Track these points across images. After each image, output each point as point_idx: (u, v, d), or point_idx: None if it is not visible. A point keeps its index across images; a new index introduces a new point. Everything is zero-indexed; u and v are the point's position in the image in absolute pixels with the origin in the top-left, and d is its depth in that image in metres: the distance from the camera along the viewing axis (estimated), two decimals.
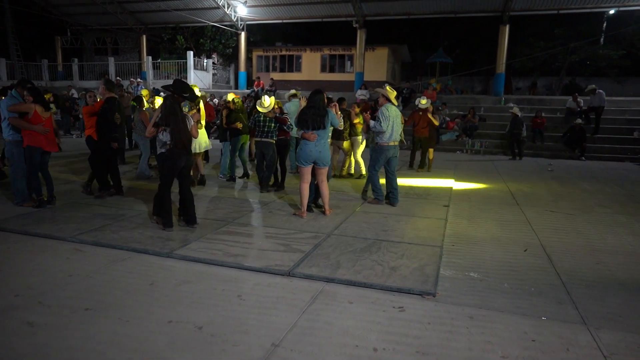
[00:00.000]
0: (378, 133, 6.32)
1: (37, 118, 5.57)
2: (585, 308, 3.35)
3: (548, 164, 11.92)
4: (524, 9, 17.90)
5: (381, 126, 6.22)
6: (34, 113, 5.52)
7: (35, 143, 5.61)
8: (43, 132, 5.62)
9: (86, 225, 5.15)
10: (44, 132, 5.64)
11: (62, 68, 25.46)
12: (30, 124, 5.52)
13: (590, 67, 26.59)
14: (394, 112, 6.35)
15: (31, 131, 5.56)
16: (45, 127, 5.66)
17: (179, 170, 5.03)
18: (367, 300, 3.44)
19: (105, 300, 3.34)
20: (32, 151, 5.63)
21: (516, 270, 4.15)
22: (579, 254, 4.66)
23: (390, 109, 6.35)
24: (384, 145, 6.35)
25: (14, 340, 2.77)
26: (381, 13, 19.79)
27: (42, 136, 5.64)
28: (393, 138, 6.36)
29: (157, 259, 4.23)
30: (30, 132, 5.56)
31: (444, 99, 18.01)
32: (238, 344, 2.78)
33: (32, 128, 5.53)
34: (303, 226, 5.35)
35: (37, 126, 5.55)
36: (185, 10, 21.12)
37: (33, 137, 5.59)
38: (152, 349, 2.71)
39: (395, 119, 6.34)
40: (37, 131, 5.56)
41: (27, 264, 4.03)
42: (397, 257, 4.37)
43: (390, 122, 6.28)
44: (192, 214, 5.18)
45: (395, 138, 6.40)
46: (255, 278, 3.84)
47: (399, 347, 2.78)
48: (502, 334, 2.97)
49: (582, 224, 5.89)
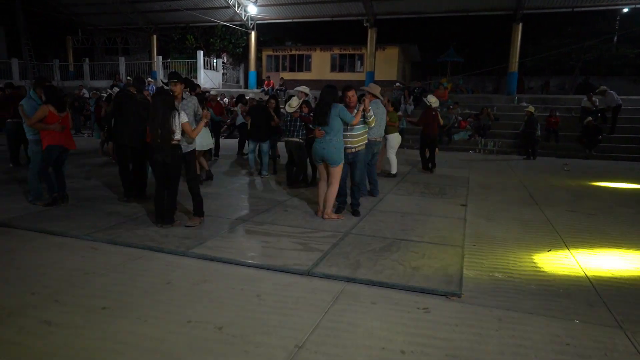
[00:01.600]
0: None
1: (53, 117, 5.55)
2: (618, 311, 3.22)
3: (564, 164, 11.71)
4: (538, 7, 17.67)
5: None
6: (49, 114, 5.52)
7: (54, 141, 5.59)
8: (60, 129, 5.60)
9: (101, 223, 5.10)
10: (61, 130, 5.62)
11: (73, 68, 25.61)
12: (46, 124, 5.51)
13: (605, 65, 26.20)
14: (380, 109, 6.61)
15: (49, 131, 5.54)
16: (62, 124, 5.65)
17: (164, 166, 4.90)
18: (391, 301, 3.33)
19: (121, 299, 3.27)
20: (50, 150, 5.61)
21: (541, 271, 4.02)
22: (605, 255, 4.51)
23: (378, 105, 6.56)
24: (371, 140, 6.50)
25: (31, 339, 2.71)
26: (392, 12, 19.63)
27: (59, 133, 5.61)
28: (378, 133, 6.66)
29: (173, 258, 4.15)
30: (49, 132, 5.54)
31: (456, 98, 17.80)
32: (260, 345, 2.69)
33: (48, 128, 5.52)
34: (320, 225, 5.26)
35: (53, 125, 5.54)
36: (195, 9, 21.13)
37: (52, 136, 5.57)
38: (172, 350, 2.62)
39: (381, 116, 6.58)
40: (54, 130, 5.54)
41: (43, 261, 3.97)
42: (418, 256, 4.25)
43: (378, 118, 6.40)
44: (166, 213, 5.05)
45: (380, 133, 6.72)
46: (273, 277, 3.75)
47: (427, 350, 2.67)
48: (534, 337, 2.84)
49: (604, 224, 5.73)
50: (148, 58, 25.03)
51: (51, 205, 5.73)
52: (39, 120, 5.50)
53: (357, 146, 5.61)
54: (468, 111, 16.72)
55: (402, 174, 9.35)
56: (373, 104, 6.31)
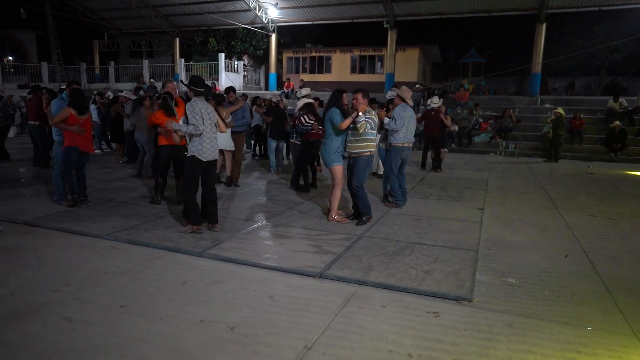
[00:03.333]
0: (392, 132, 6.32)
1: (73, 119, 5.72)
2: (635, 319, 3.16)
3: (587, 167, 11.45)
4: (563, 6, 17.29)
5: (396, 124, 6.19)
6: (70, 115, 5.70)
7: (72, 143, 5.78)
8: (79, 131, 5.77)
9: (121, 223, 5.26)
10: (80, 132, 5.79)
11: (99, 71, 26.32)
12: (67, 125, 5.70)
13: (634, 65, 25.43)
14: (409, 113, 6.37)
15: (69, 132, 5.74)
16: (82, 127, 5.82)
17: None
18: (401, 304, 3.36)
19: (139, 297, 3.38)
20: (69, 151, 5.80)
21: (557, 276, 3.97)
22: (625, 262, 4.42)
23: (406, 110, 6.35)
24: (399, 145, 6.36)
25: (54, 335, 2.83)
26: (412, 13, 19.51)
27: (78, 136, 5.79)
28: (407, 139, 6.40)
29: (190, 258, 4.26)
30: (69, 133, 5.75)
31: (477, 100, 17.59)
32: (270, 345, 2.75)
33: (68, 129, 5.71)
34: (334, 228, 5.30)
35: (73, 127, 5.72)
36: (217, 13, 21.45)
37: (71, 138, 5.77)
38: (185, 348, 2.71)
39: (409, 120, 6.35)
40: (73, 131, 5.72)
41: (66, 260, 4.13)
42: (430, 260, 4.26)
43: (405, 123, 6.27)
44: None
45: (410, 139, 6.43)
46: (286, 279, 3.81)
47: (434, 354, 2.69)
48: (545, 344, 2.83)
49: (627, 230, 5.60)
50: (171, 61, 25.51)
51: (72, 207, 5.91)
52: (61, 121, 5.68)
53: (357, 152, 5.41)
54: (489, 113, 16.50)
55: (419, 176, 9.32)
56: (400, 107, 6.31)
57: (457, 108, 16.71)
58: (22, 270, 3.87)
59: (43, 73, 23.43)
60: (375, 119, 5.46)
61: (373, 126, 5.40)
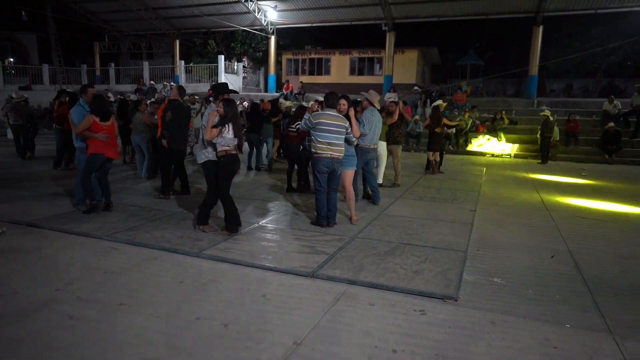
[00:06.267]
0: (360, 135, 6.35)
1: (97, 127, 5.71)
2: (611, 317, 3.30)
3: (582, 169, 11.59)
4: (559, 9, 17.47)
5: (364, 128, 6.29)
6: (93, 123, 5.69)
7: (96, 150, 5.75)
8: (104, 138, 5.74)
9: (121, 224, 5.40)
10: (105, 139, 5.76)
11: (100, 72, 26.51)
12: (91, 132, 5.68)
13: (631, 67, 25.58)
14: (376, 117, 6.56)
15: (93, 139, 5.72)
16: (106, 134, 5.79)
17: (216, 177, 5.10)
18: (389, 303, 3.50)
19: (138, 296, 3.52)
20: (94, 158, 5.76)
21: (541, 276, 4.11)
22: (608, 262, 4.56)
23: (374, 113, 6.53)
24: (365, 147, 6.52)
25: (56, 332, 2.97)
26: (411, 16, 19.69)
27: (102, 143, 5.75)
28: (374, 141, 6.61)
29: (187, 258, 4.40)
30: (92, 140, 5.73)
31: (474, 102, 17.75)
32: (261, 341, 2.89)
33: (93, 136, 5.69)
34: (328, 229, 5.44)
35: (97, 134, 5.70)
36: (217, 15, 21.63)
37: (95, 145, 5.74)
38: (180, 345, 2.85)
39: (376, 123, 6.55)
40: (97, 138, 5.71)
41: (68, 260, 4.27)
42: (420, 260, 4.40)
43: (373, 126, 6.45)
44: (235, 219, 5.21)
45: (375, 141, 6.65)
46: (279, 278, 3.95)
47: (417, 350, 2.82)
48: (524, 340, 2.97)
49: (613, 231, 5.74)
50: (171, 62, 25.72)
51: (89, 213, 5.82)
52: (85, 129, 5.66)
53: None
54: (486, 115, 16.65)
55: (415, 178, 9.46)
56: (368, 111, 6.47)
57: (455, 110, 16.86)
58: (25, 270, 4.01)
59: (44, 74, 23.63)
60: (319, 119, 5.34)
61: (303, 126, 5.54)
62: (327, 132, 5.26)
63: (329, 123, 5.27)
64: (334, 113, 5.35)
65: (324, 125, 5.27)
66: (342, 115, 5.42)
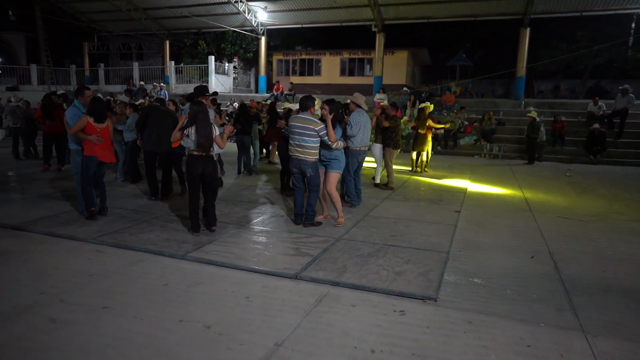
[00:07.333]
0: (349, 137, 6.48)
1: (91, 128, 5.61)
2: (585, 315, 3.40)
3: (567, 169, 11.76)
4: (546, 11, 17.68)
5: (352, 130, 6.38)
6: (87, 124, 5.59)
7: (90, 153, 5.66)
8: (97, 141, 5.63)
9: (107, 227, 5.41)
10: (98, 142, 5.64)
11: (89, 73, 26.33)
12: (85, 135, 5.58)
13: (616, 69, 25.95)
14: (364, 119, 6.60)
15: (87, 142, 5.63)
16: (100, 137, 5.68)
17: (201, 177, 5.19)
18: (370, 304, 3.56)
19: (122, 299, 3.56)
20: (88, 161, 5.68)
21: (520, 276, 4.21)
22: (587, 262, 4.68)
23: (362, 114, 6.57)
24: (356, 149, 6.59)
25: (39, 335, 3.00)
26: (400, 17, 19.81)
27: (96, 146, 5.66)
28: (364, 143, 6.65)
29: (172, 261, 4.44)
30: (86, 142, 5.63)
31: (462, 103, 17.91)
32: (243, 343, 2.95)
33: (86, 138, 5.59)
34: (314, 231, 5.50)
35: (91, 136, 5.60)
36: (207, 16, 21.59)
37: (89, 147, 5.65)
38: (163, 346, 2.89)
39: (365, 125, 6.59)
40: (91, 141, 5.61)
41: (52, 263, 4.29)
42: (403, 262, 4.47)
43: (361, 128, 6.50)
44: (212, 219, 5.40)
45: (365, 143, 6.69)
46: (263, 280, 4.00)
47: (395, 349, 2.90)
48: (499, 339, 3.05)
49: (594, 231, 5.87)
50: (161, 63, 25.60)
51: (90, 219, 5.71)
52: (79, 130, 5.56)
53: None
54: (475, 115, 16.82)
55: (402, 179, 9.55)
56: (356, 113, 6.51)
57: (443, 111, 17.00)
58: (9, 274, 4.02)
59: (32, 75, 23.41)
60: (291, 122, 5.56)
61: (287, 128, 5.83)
62: (295, 134, 5.49)
63: (297, 125, 5.47)
64: (304, 116, 5.50)
65: (293, 127, 5.51)
66: (314, 119, 5.48)
